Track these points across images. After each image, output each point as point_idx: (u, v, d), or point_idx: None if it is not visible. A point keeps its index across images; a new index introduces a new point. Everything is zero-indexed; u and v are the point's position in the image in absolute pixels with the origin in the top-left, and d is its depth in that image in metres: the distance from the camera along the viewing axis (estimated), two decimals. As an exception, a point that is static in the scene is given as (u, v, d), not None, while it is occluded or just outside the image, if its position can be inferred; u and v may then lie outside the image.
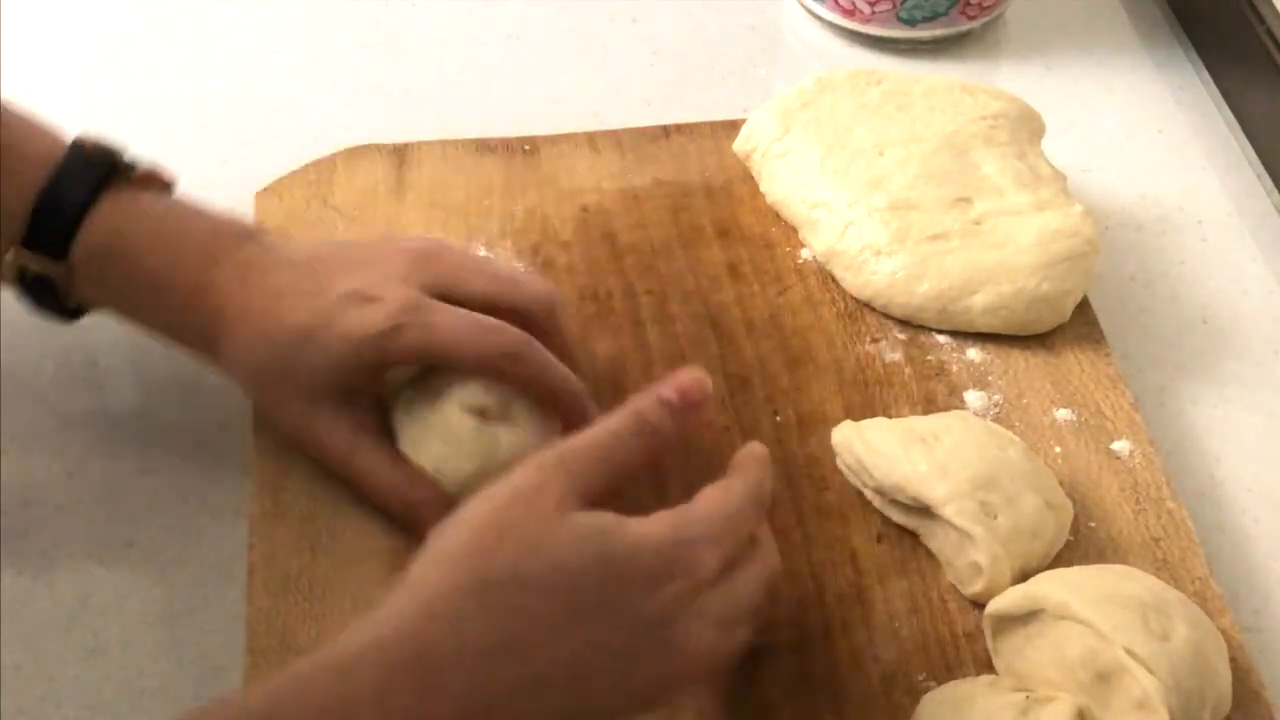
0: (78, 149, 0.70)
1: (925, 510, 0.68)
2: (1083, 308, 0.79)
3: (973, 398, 0.75)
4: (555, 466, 0.58)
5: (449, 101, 0.93)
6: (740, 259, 0.81)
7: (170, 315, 0.70)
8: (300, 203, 0.82)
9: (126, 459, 0.74)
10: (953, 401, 0.75)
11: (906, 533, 0.70)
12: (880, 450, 0.69)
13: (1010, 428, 0.73)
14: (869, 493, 0.71)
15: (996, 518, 0.66)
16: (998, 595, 0.65)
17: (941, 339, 0.78)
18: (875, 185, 0.80)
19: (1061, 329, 0.78)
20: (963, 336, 0.78)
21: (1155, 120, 0.95)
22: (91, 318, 0.80)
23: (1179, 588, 0.66)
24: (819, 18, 0.98)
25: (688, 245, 0.82)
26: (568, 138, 0.87)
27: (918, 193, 0.80)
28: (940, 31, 0.96)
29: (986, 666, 0.65)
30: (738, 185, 0.85)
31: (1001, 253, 0.78)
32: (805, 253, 0.82)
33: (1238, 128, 0.93)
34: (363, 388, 0.69)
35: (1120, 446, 0.73)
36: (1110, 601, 0.62)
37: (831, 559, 0.69)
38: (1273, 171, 0.89)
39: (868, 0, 0.95)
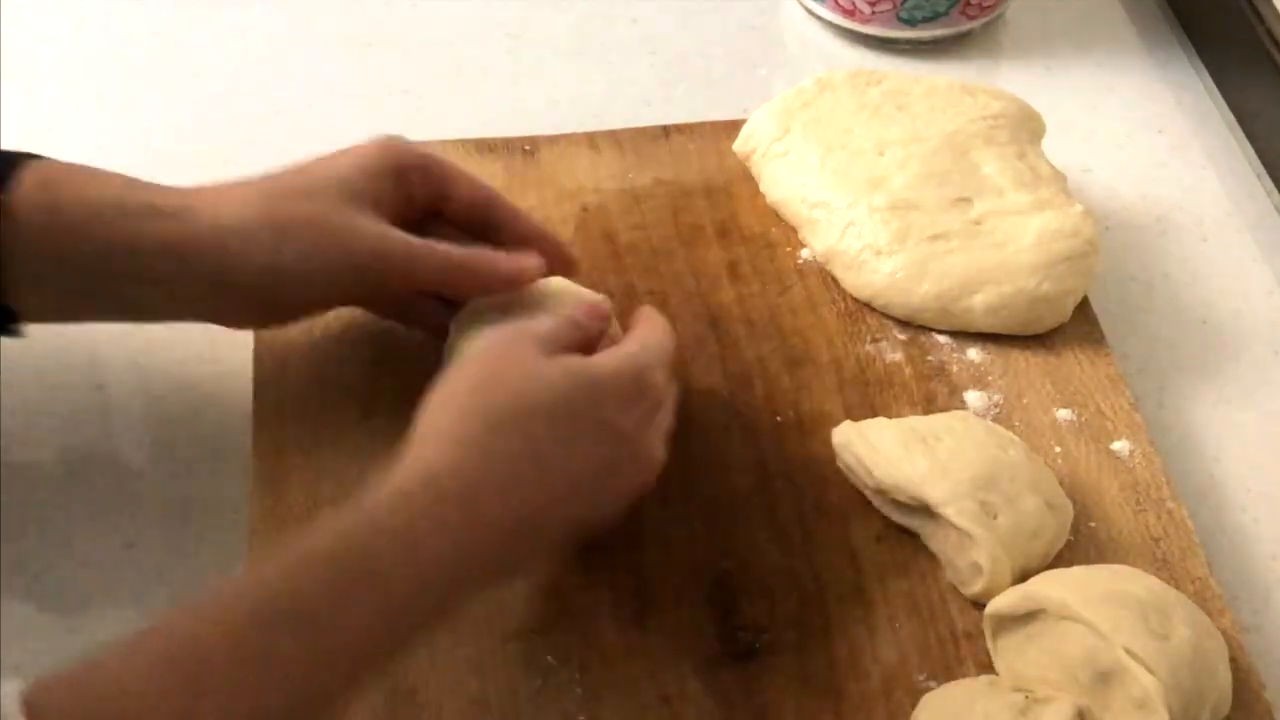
0: None
1: (925, 510, 0.68)
2: (1083, 308, 0.79)
3: (973, 398, 0.75)
4: (520, 331, 0.65)
5: (449, 101, 0.93)
6: (740, 259, 0.81)
7: (134, 222, 0.66)
8: (300, 203, 0.82)
9: (126, 459, 0.74)
10: (953, 401, 0.75)
11: (906, 533, 0.70)
12: (880, 450, 0.69)
13: (1010, 428, 0.73)
14: (869, 493, 0.71)
15: (997, 518, 0.66)
16: (998, 595, 0.65)
17: (941, 339, 0.78)
18: (875, 185, 0.80)
19: (1061, 329, 0.78)
20: (963, 336, 0.78)
21: (1155, 120, 0.95)
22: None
23: (1179, 588, 0.66)
24: (819, 18, 0.98)
25: (688, 245, 0.82)
26: (568, 138, 0.87)
27: (918, 193, 0.80)
28: (940, 31, 0.97)
29: (986, 666, 0.65)
30: (738, 185, 0.85)
31: (1002, 253, 0.78)
32: (805, 253, 0.82)
33: (1238, 128, 0.93)
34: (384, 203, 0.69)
35: (1120, 446, 0.73)
36: (1110, 601, 0.62)
37: (831, 559, 0.69)
38: (1273, 171, 0.89)
39: (868, 0, 0.95)
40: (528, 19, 0.99)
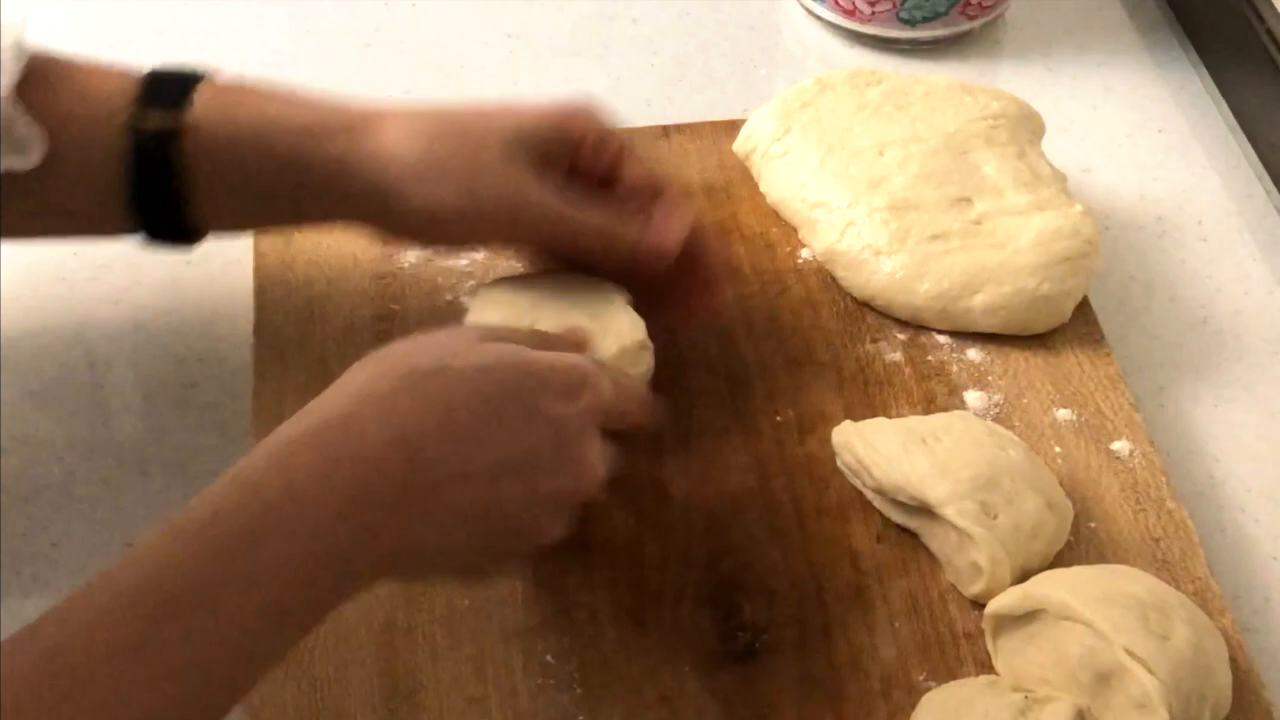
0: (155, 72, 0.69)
1: (925, 510, 0.68)
2: (1083, 308, 0.79)
3: (973, 398, 0.75)
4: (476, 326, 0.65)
5: (449, 101, 0.93)
6: (740, 259, 0.81)
7: (304, 140, 0.68)
8: (300, 203, 0.82)
9: (126, 459, 0.74)
10: (953, 401, 0.75)
11: (906, 533, 0.70)
12: (880, 450, 0.69)
13: (1010, 428, 0.73)
14: (869, 493, 0.71)
15: (997, 518, 0.66)
16: (998, 595, 0.65)
17: (941, 339, 0.78)
18: (875, 185, 0.80)
19: (1061, 329, 0.78)
20: (963, 336, 0.78)
21: (1155, 120, 0.95)
22: (91, 317, 0.80)
23: (1179, 588, 0.66)
24: (819, 18, 0.98)
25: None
26: (568, 138, 0.87)
27: (918, 193, 0.80)
28: (940, 31, 0.97)
29: (986, 666, 0.65)
30: (738, 185, 0.85)
31: (1002, 253, 0.78)
32: (805, 253, 0.82)
33: (1238, 128, 0.93)
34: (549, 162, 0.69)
35: (1120, 446, 0.73)
36: (1110, 601, 0.62)
37: (831, 559, 0.69)
38: (1273, 171, 0.89)
39: (868, 0, 0.95)
40: (528, 19, 0.99)
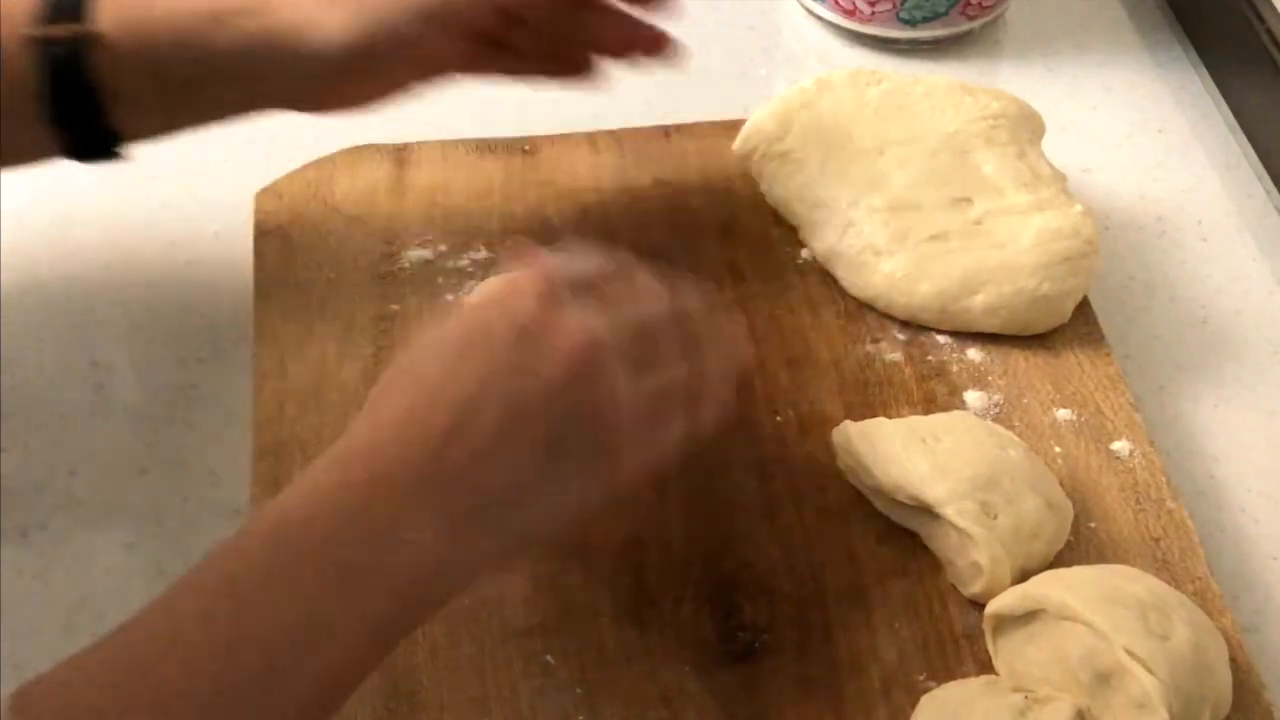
0: None
1: (925, 510, 0.68)
2: (1083, 308, 0.79)
3: (973, 398, 0.75)
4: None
5: (449, 101, 0.93)
6: (740, 259, 0.81)
7: (215, 27, 0.68)
8: (300, 203, 0.82)
9: (126, 459, 0.74)
10: (953, 401, 0.75)
11: (906, 533, 0.70)
12: (880, 450, 0.69)
13: (1010, 428, 0.73)
14: (869, 493, 0.71)
15: (997, 518, 0.66)
16: (998, 595, 0.65)
17: (941, 339, 0.78)
18: (875, 185, 0.80)
19: (1061, 329, 0.78)
20: (963, 336, 0.78)
21: (1155, 120, 0.95)
22: (91, 317, 0.80)
23: (1179, 588, 0.66)
24: (819, 18, 0.98)
25: (688, 245, 0.82)
26: (568, 138, 0.87)
27: (918, 193, 0.80)
28: (940, 32, 0.97)
29: (986, 666, 0.65)
30: (738, 185, 0.85)
31: (1002, 253, 0.78)
32: (805, 253, 0.82)
33: (1238, 128, 0.93)
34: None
35: (1120, 446, 0.73)
36: (1110, 601, 0.62)
37: (831, 559, 0.69)
38: (1273, 171, 0.89)
39: (868, 0, 0.95)
40: (528, 19, 0.99)
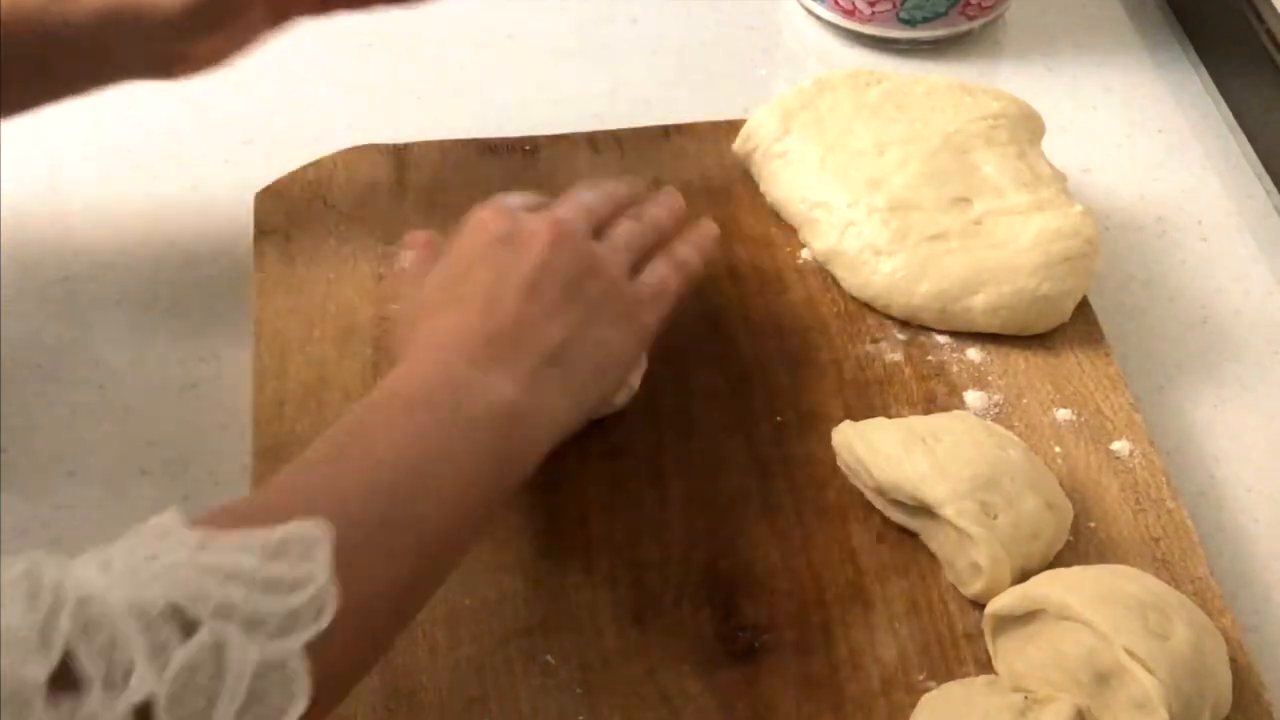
0: None
1: (925, 510, 0.68)
2: (1083, 308, 0.79)
3: (973, 398, 0.75)
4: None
5: (449, 101, 0.93)
6: (740, 259, 0.81)
7: (73, 7, 0.70)
8: (300, 203, 0.82)
9: (126, 459, 0.74)
10: (953, 401, 0.75)
11: (906, 533, 0.70)
12: (880, 450, 0.69)
13: (1010, 428, 0.73)
14: (869, 493, 0.71)
15: (996, 518, 0.66)
16: (998, 595, 0.65)
17: (941, 339, 0.78)
18: (875, 185, 0.80)
19: (1061, 329, 0.78)
20: (963, 336, 0.78)
21: (1155, 120, 0.95)
22: (91, 317, 0.80)
23: (1179, 588, 0.66)
24: (819, 18, 0.98)
25: (688, 245, 0.82)
26: (568, 138, 0.87)
27: (918, 193, 0.80)
28: (940, 32, 0.97)
29: (986, 666, 0.65)
30: (738, 185, 0.85)
31: (1001, 253, 0.78)
32: (805, 253, 0.82)
33: (1238, 128, 0.93)
34: None
35: (1120, 446, 0.73)
36: (1110, 601, 0.62)
37: (831, 559, 0.69)
38: (1273, 171, 0.89)
39: (868, 0, 0.95)
40: (528, 19, 0.99)
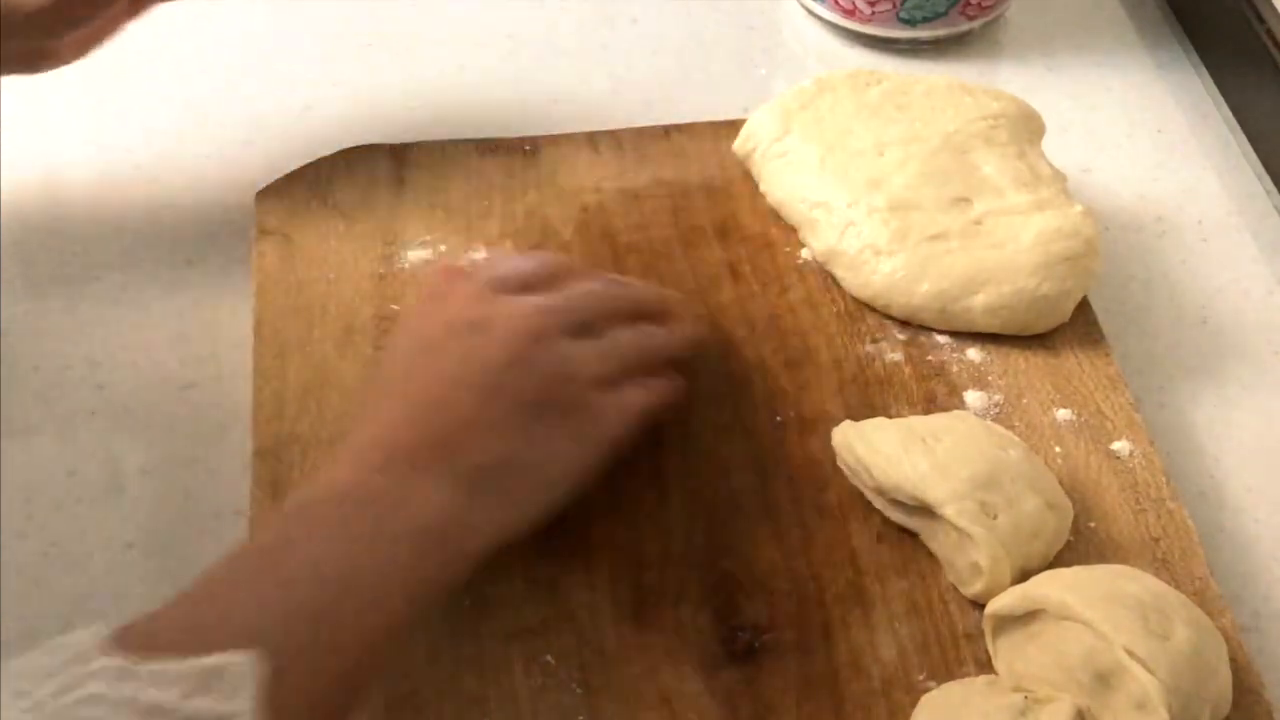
0: None
1: (925, 510, 0.68)
2: (1083, 308, 0.79)
3: (973, 398, 0.75)
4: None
5: (449, 101, 0.93)
6: (740, 259, 0.81)
7: None
8: (300, 203, 0.82)
9: (126, 459, 0.74)
10: (953, 401, 0.75)
11: (906, 533, 0.70)
12: (880, 450, 0.69)
13: (1010, 428, 0.73)
14: (869, 493, 0.71)
15: (996, 518, 0.66)
16: (998, 595, 0.65)
17: (941, 339, 0.78)
18: (875, 185, 0.80)
19: (1061, 329, 0.78)
20: (963, 336, 0.78)
21: (1155, 120, 0.95)
22: (91, 317, 0.80)
23: (1179, 588, 0.66)
24: (819, 18, 0.98)
25: (688, 245, 0.82)
26: (568, 138, 0.87)
27: (918, 193, 0.80)
28: (940, 32, 0.96)
29: (986, 666, 0.65)
30: (738, 185, 0.85)
31: (1001, 253, 0.78)
32: (805, 253, 0.82)
33: (1238, 128, 0.93)
34: None
35: (1120, 446, 0.73)
36: (1110, 601, 0.62)
37: (831, 559, 0.69)
38: (1273, 171, 0.89)
39: (868, 0, 0.95)
40: (528, 19, 0.99)
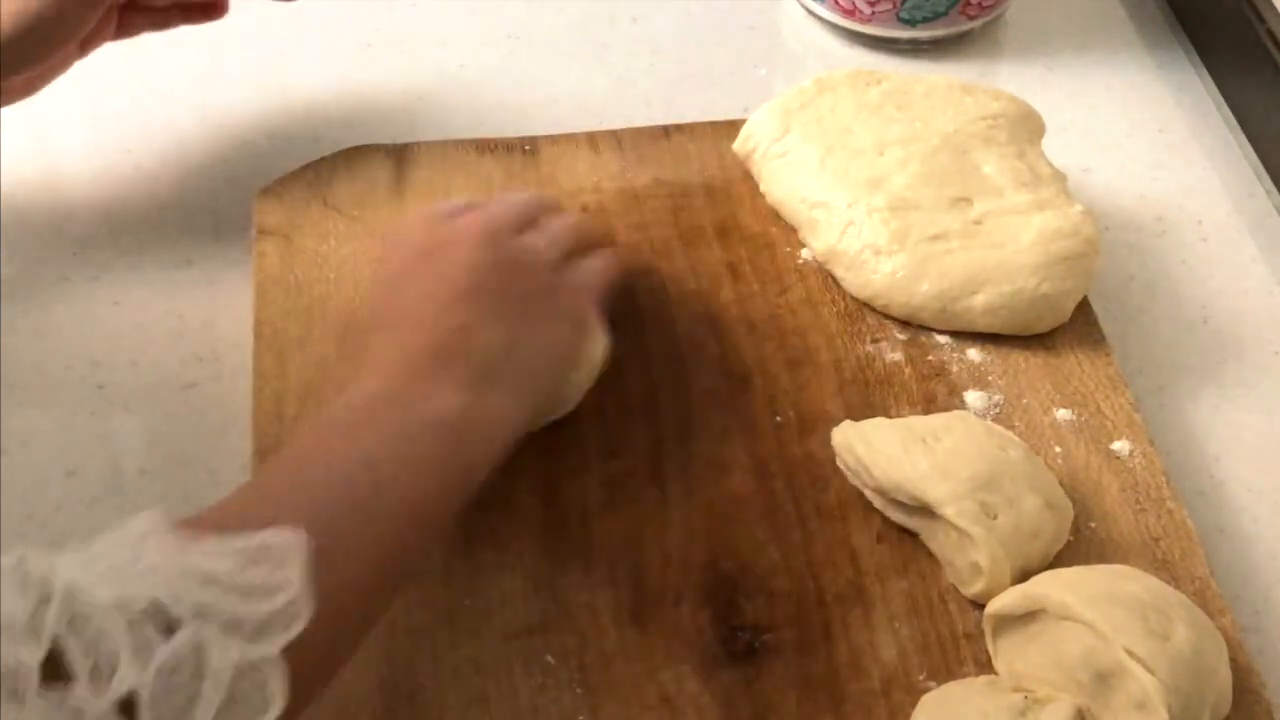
0: None
1: (925, 510, 0.68)
2: (1083, 308, 0.79)
3: (973, 398, 0.75)
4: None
5: (449, 101, 0.93)
6: (740, 259, 0.81)
7: None
8: (300, 203, 0.82)
9: (126, 458, 0.74)
10: (953, 401, 0.75)
11: (906, 533, 0.70)
12: (880, 450, 0.69)
13: (1010, 428, 0.73)
14: (869, 493, 0.71)
15: (996, 518, 0.66)
16: (998, 595, 0.65)
17: (941, 339, 0.78)
18: (875, 185, 0.80)
19: (1061, 329, 0.78)
20: (963, 336, 0.78)
21: (1155, 120, 0.95)
22: (91, 317, 0.80)
23: (1179, 588, 0.66)
24: (819, 18, 0.98)
25: (688, 245, 0.82)
26: (568, 138, 0.87)
27: (918, 193, 0.80)
28: (940, 31, 0.97)
29: (986, 666, 0.65)
30: (738, 185, 0.85)
31: (1001, 253, 0.78)
32: (805, 253, 0.82)
33: (1238, 128, 0.93)
34: None
35: (1120, 446, 0.73)
36: (1110, 601, 0.62)
37: (831, 559, 0.69)
38: (1273, 171, 0.89)
39: (868, 0, 0.95)
40: (528, 19, 0.99)
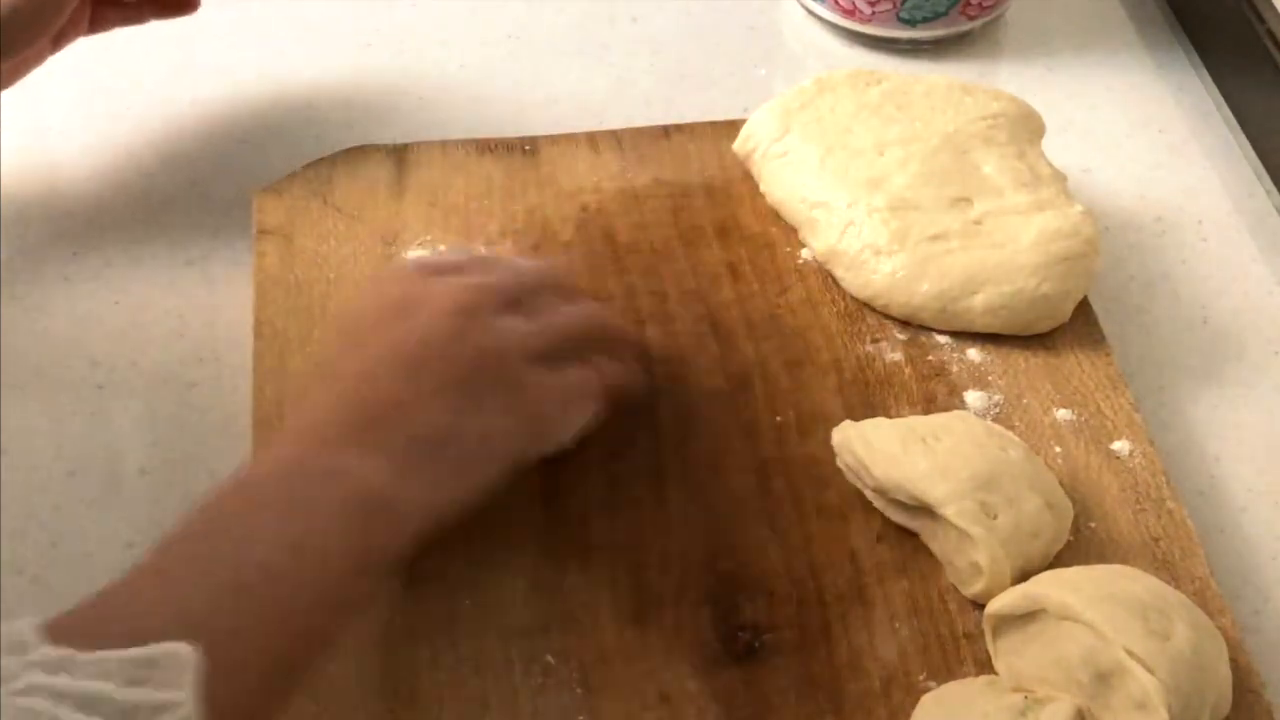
0: None
1: (925, 510, 0.68)
2: (1083, 308, 0.79)
3: (973, 398, 0.75)
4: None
5: (449, 101, 0.93)
6: (740, 259, 0.81)
7: None
8: (300, 203, 0.82)
9: (126, 458, 0.74)
10: (953, 401, 0.75)
11: (906, 533, 0.70)
12: (880, 450, 0.69)
13: (1010, 428, 0.73)
14: (869, 493, 0.71)
15: (996, 518, 0.66)
16: (998, 595, 0.65)
17: (941, 339, 0.78)
18: (875, 185, 0.80)
19: (1061, 329, 0.78)
20: (963, 336, 0.78)
21: (1155, 120, 0.95)
22: (91, 317, 0.80)
23: (1179, 588, 0.66)
24: (819, 18, 0.98)
25: (688, 245, 0.82)
26: (568, 138, 0.87)
27: (918, 193, 0.80)
28: (940, 32, 0.96)
29: (986, 666, 0.65)
30: (738, 185, 0.85)
31: (1001, 253, 0.78)
32: (805, 253, 0.82)
33: (1238, 128, 0.93)
34: None
35: (1120, 446, 0.73)
36: (1110, 601, 0.62)
37: (831, 559, 0.69)
38: (1273, 171, 0.89)
39: (868, 0, 0.95)
40: (528, 19, 0.99)
